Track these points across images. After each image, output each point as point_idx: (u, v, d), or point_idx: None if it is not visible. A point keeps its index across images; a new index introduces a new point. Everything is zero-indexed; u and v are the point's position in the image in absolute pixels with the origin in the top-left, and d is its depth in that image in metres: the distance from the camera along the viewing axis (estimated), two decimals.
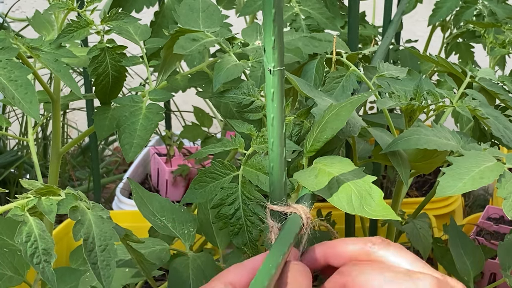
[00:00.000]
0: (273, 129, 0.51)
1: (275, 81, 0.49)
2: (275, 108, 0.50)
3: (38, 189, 0.59)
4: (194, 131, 1.53)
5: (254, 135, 0.68)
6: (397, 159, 0.70)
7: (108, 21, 0.80)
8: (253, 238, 0.65)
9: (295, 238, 0.53)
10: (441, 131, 0.71)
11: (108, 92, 0.83)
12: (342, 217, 0.97)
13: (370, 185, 0.57)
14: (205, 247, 1.02)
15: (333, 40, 0.83)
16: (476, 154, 0.65)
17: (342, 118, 0.60)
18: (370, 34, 1.41)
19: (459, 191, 0.60)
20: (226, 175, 0.66)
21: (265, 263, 0.49)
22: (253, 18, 1.33)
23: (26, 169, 1.72)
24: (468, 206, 1.93)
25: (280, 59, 0.48)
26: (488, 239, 1.43)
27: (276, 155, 0.53)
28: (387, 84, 0.80)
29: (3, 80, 0.64)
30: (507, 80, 0.92)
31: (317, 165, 0.61)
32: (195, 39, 0.77)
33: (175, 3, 1.07)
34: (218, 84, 0.74)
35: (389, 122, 0.77)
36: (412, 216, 1.04)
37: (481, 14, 1.41)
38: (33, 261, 0.57)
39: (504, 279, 0.91)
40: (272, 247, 0.51)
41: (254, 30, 0.84)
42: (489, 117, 0.76)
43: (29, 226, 0.59)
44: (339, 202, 0.56)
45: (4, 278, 0.77)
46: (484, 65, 1.36)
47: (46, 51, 0.75)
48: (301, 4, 1.02)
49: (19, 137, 1.28)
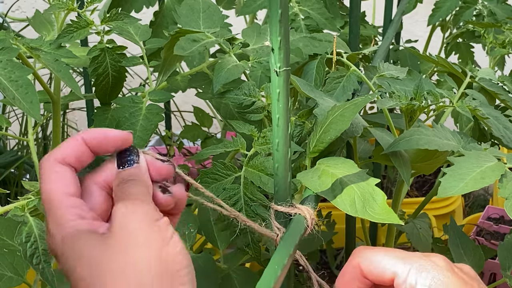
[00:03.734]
0: (279, 130, 0.51)
1: (281, 82, 0.49)
2: (280, 109, 0.50)
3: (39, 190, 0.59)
4: (194, 131, 1.53)
5: (256, 136, 0.67)
6: (399, 160, 0.70)
7: (108, 21, 0.80)
8: (255, 239, 0.65)
9: (300, 239, 0.53)
10: (441, 131, 0.71)
11: (108, 93, 0.83)
12: (343, 217, 0.97)
13: (374, 188, 0.57)
14: (205, 247, 1.02)
15: (333, 40, 0.83)
16: (477, 154, 0.65)
17: (346, 120, 0.60)
18: (370, 34, 1.41)
19: (461, 191, 0.60)
20: (228, 176, 0.65)
21: (271, 264, 0.49)
22: (253, 18, 1.33)
23: (26, 169, 1.72)
24: (468, 206, 1.93)
25: (286, 59, 0.48)
26: (488, 239, 1.43)
27: (282, 155, 0.53)
28: (387, 84, 0.80)
29: (4, 81, 0.64)
30: (507, 80, 0.92)
31: (320, 166, 0.61)
32: (196, 40, 0.77)
33: (175, 3, 1.07)
34: (218, 84, 0.74)
35: (390, 122, 0.77)
36: (412, 216, 1.04)
37: (480, 14, 1.41)
38: (32, 261, 0.57)
39: (504, 279, 0.91)
40: (278, 248, 0.51)
41: (254, 30, 0.84)
42: (489, 117, 0.76)
43: (29, 226, 0.59)
44: (342, 204, 0.56)
45: (4, 279, 0.76)
46: (484, 65, 1.36)
47: (46, 51, 0.75)
48: (300, 4, 1.02)
49: (19, 137, 1.28)
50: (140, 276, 0.44)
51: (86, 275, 0.45)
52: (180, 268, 0.46)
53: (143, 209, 0.47)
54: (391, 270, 0.50)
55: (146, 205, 0.47)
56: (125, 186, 0.49)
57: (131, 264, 0.44)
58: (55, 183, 0.48)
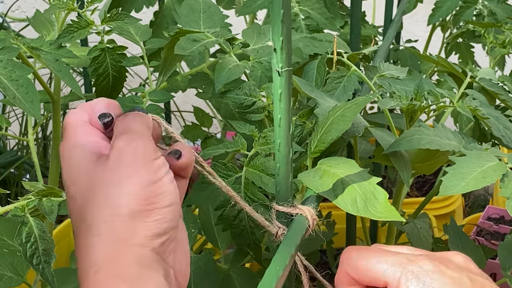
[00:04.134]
0: (280, 130, 0.51)
1: (283, 82, 0.49)
2: (282, 109, 0.50)
3: (40, 190, 0.59)
4: (194, 131, 1.53)
5: (256, 136, 0.67)
6: (399, 160, 0.70)
7: (109, 21, 0.80)
8: (256, 240, 0.65)
9: (301, 240, 0.53)
10: (442, 131, 0.71)
11: (108, 93, 0.83)
12: (343, 217, 0.97)
13: (375, 186, 0.57)
14: (205, 247, 1.02)
15: (333, 40, 0.83)
16: (478, 154, 0.65)
17: (347, 120, 0.60)
18: (370, 34, 1.40)
19: (462, 190, 0.60)
20: (229, 177, 0.65)
21: (272, 265, 0.49)
22: (253, 18, 1.33)
23: (26, 169, 1.71)
24: (468, 206, 1.93)
25: (288, 60, 0.48)
26: (488, 239, 1.43)
27: (283, 155, 0.52)
28: (388, 84, 0.80)
29: (4, 80, 0.64)
30: (507, 80, 0.92)
31: (321, 166, 0.61)
32: (196, 40, 0.77)
33: (175, 3, 1.07)
34: (220, 84, 0.74)
35: (390, 122, 0.77)
36: (412, 216, 1.04)
37: (481, 14, 1.41)
38: (33, 261, 0.57)
39: (504, 279, 0.90)
40: (279, 249, 0.51)
41: (255, 30, 0.84)
42: (489, 117, 0.76)
43: (29, 226, 0.59)
44: (344, 204, 0.56)
45: (4, 279, 0.76)
46: (484, 65, 1.36)
47: (47, 51, 0.75)
48: (300, 4, 1.01)
49: (19, 137, 1.28)
50: (117, 210, 0.46)
51: (77, 195, 0.48)
52: (157, 207, 0.47)
53: (142, 145, 0.48)
54: (382, 280, 0.50)
55: (145, 141, 0.49)
56: (126, 118, 0.51)
57: (114, 196, 0.46)
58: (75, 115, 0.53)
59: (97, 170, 0.48)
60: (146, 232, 0.46)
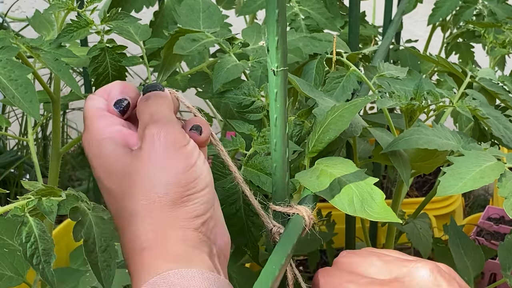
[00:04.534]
0: (276, 130, 0.51)
1: (278, 82, 0.49)
2: (278, 109, 0.50)
3: (39, 190, 0.59)
4: None
5: (255, 136, 0.67)
6: (398, 159, 0.70)
7: (108, 21, 0.80)
8: (254, 239, 0.65)
9: (298, 240, 0.53)
10: (441, 131, 0.71)
11: None
12: (342, 217, 0.97)
13: (372, 187, 0.57)
14: None
15: (333, 40, 0.83)
16: (476, 153, 0.65)
17: (345, 120, 0.60)
18: (370, 34, 1.40)
19: (460, 190, 0.60)
20: (227, 176, 0.66)
21: (269, 264, 0.49)
22: (253, 18, 1.33)
23: (26, 169, 1.72)
24: (468, 206, 1.93)
25: (284, 59, 0.48)
26: (488, 239, 1.43)
27: (279, 155, 0.53)
28: (387, 84, 0.80)
29: (3, 80, 0.64)
30: (507, 80, 0.92)
31: (319, 166, 0.61)
32: (195, 40, 0.77)
33: (174, 3, 1.07)
34: (218, 84, 0.74)
35: (389, 122, 0.77)
36: (412, 216, 1.04)
37: (481, 14, 1.41)
38: (32, 261, 0.57)
39: (504, 279, 0.90)
40: (275, 249, 0.51)
41: (254, 30, 0.84)
42: (489, 117, 0.76)
43: (29, 226, 0.59)
44: (340, 204, 0.56)
45: (4, 279, 0.76)
46: (484, 65, 1.36)
47: (46, 51, 0.75)
48: (300, 4, 1.02)
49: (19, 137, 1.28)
50: (158, 200, 0.48)
51: (112, 187, 0.50)
52: (195, 192, 0.49)
53: (172, 133, 0.50)
54: None
55: (174, 128, 0.51)
56: (149, 102, 0.53)
57: (154, 187, 0.48)
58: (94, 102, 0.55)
59: (132, 162, 0.50)
60: (187, 215, 0.49)
